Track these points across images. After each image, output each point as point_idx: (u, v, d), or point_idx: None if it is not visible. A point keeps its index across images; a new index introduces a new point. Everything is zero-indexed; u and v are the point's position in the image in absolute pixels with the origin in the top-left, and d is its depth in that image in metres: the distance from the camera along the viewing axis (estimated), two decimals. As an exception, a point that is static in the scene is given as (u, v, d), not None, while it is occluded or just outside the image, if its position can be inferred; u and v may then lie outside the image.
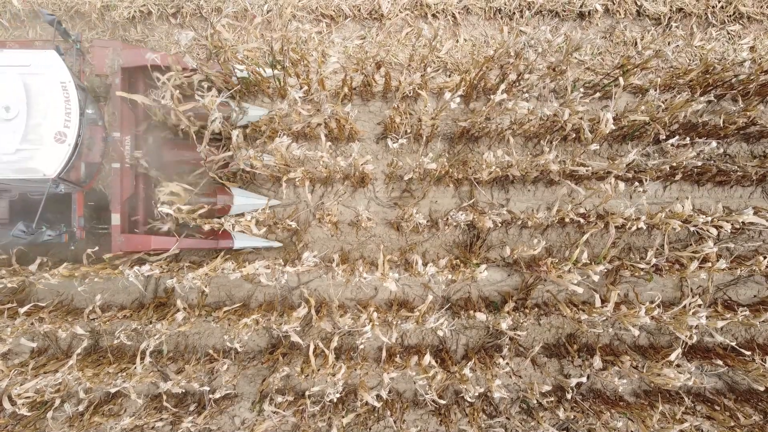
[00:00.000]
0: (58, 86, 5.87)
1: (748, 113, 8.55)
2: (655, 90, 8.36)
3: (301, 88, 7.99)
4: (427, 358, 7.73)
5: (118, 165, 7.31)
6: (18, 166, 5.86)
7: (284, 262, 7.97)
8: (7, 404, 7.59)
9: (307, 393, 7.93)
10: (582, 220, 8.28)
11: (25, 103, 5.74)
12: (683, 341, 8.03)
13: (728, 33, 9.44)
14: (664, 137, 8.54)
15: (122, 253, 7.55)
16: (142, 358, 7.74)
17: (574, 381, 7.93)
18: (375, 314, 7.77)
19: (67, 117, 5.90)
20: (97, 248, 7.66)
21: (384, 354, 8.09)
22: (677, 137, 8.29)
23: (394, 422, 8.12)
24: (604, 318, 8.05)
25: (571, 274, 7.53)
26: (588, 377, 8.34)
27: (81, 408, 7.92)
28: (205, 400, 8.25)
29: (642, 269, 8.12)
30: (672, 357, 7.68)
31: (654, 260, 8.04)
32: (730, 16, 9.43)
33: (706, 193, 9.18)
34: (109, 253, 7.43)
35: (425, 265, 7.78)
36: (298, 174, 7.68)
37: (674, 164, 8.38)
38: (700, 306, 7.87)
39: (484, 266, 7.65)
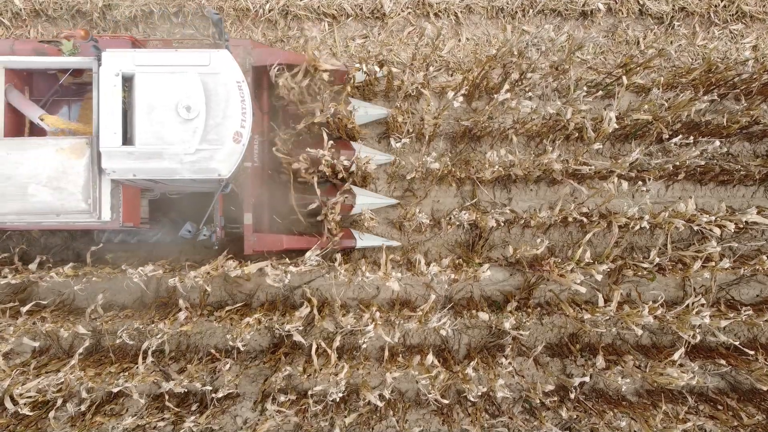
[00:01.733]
0: (235, 86, 5.78)
1: (750, 112, 8.53)
2: (658, 89, 8.34)
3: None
4: (430, 358, 7.72)
5: (249, 164, 7.24)
6: (197, 167, 5.79)
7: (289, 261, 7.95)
8: (9, 404, 7.58)
9: (309, 392, 7.92)
10: (585, 220, 8.26)
11: (204, 103, 5.65)
12: (686, 341, 8.01)
13: (731, 32, 9.43)
14: (667, 136, 8.53)
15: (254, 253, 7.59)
16: (144, 358, 7.73)
17: (577, 380, 7.92)
18: (377, 314, 7.75)
19: (243, 117, 5.81)
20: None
21: (386, 353, 8.08)
22: (680, 136, 8.27)
23: (397, 422, 8.11)
24: (607, 317, 8.03)
25: (574, 274, 7.52)
26: (591, 377, 8.32)
27: (83, 408, 7.91)
28: (207, 400, 8.24)
29: (645, 269, 8.10)
30: (675, 356, 7.67)
31: (657, 260, 8.02)
32: (733, 15, 9.42)
33: (708, 192, 9.16)
34: (240, 252, 7.40)
35: (428, 264, 7.77)
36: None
37: (677, 163, 8.36)
38: (703, 305, 7.85)
39: (486, 266, 7.64)
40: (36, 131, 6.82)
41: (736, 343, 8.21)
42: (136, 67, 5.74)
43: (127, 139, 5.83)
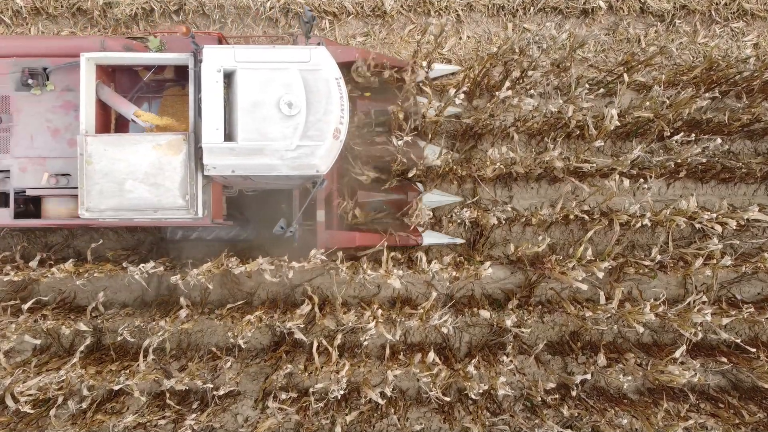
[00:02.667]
0: (334, 82, 5.75)
1: (752, 110, 8.53)
2: (659, 87, 8.34)
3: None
4: (431, 356, 7.71)
5: None
6: (297, 163, 5.74)
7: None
8: (10, 402, 7.57)
9: (310, 390, 7.91)
10: (586, 218, 8.26)
11: (305, 100, 5.62)
12: (687, 339, 8.00)
13: (732, 30, 9.42)
14: (668, 134, 8.52)
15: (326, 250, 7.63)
16: (145, 356, 7.72)
17: (578, 378, 7.91)
18: (379, 311, 7.75)
19: (341, 113, 5.79)
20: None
21: (387, 351, 8.07)
22: (681, 134, 8.27)
23: (398, 420, 8.11)
24: (608, 315, 8.03)
25: (575, 272, 7.51)
26: (592, 375, 8.32)
27: (84, 405, 7.91)
28: (208, 398, 8.23)
29: (646, 266, 8.09)
30: (676, 354, 7.66)
31: (658, 257, 8.01)
32: (734, 13, 9.41)
33: (710, 190, 9.16)
34: (313, 249, 7.44)
35: (429, 262, 7.76)
36: None
37: (678, 161, 8.36)
38: (704, 303, 7.84)
39: (488, 263, 7.63)
40: (119, 127, 6.83)
41: (738, 341, 8.20)
42: (237, 63, 5.71)
43: (226, 135, 5.81)
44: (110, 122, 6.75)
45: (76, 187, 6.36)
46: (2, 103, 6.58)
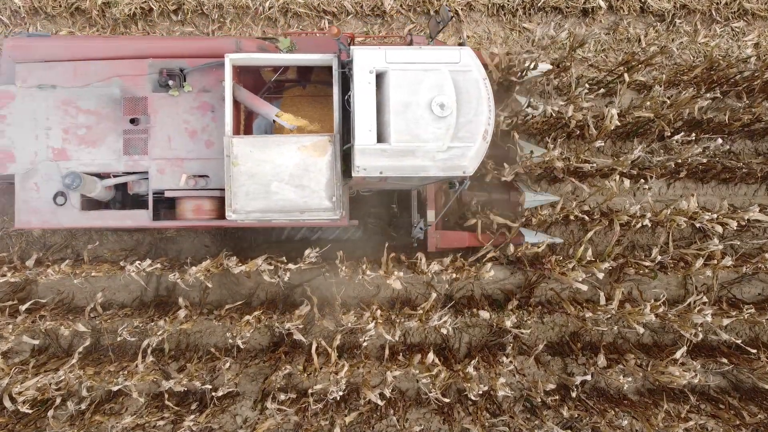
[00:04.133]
0: (482, 83, 5.72)
1: (752, 110, 8.50)
2: (660, 86, 8.31)
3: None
4: (431, 357, 7.69)
5: None
6: (448, 164, 5.70)
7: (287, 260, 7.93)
8: (8, 403, 7.55)
9: (309, 391, 7.89)
10: (586, 218, 8.23)
11: (456, 101, 5.59)
12: (688, 339, 7.98)
13: (732, 30, 9.40)
14: (669, 134, 8.49)
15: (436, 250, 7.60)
16: (144, 357, 7.70)
17: (578, 379, 7.89)
18: (378, 312, 7.73)
19: (489, 114, 5.76)
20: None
21: (387, 352, 8.05)
22: (682, 134, 8.24)
23: (397, 421, 8.08)
24: (609, 316, 8.00)
25: (576, 272, 7.49)
26: (592, 375, 8.29)
27: (82, 406, 7.88)
28: (206, 399, 8.21)
29: (647, 267, 8.07)
30: (677, 355, 7.64)
31: (659, 258, 7.99)
32: (735, 12, 9.39)
33: (710, 190, 9.13)
34: (418, 249, 7.45)
35: (429, 262, 7.73)
36: None
37: (679, 161, 8.33)
38: (705, 304, 7.82)
39: (489, 264, 7.60)
40: (245, 129, 6.84)
41: (738, 342, 8.18)
42: (388, 64, 5.67)
43: (378, 136, 5.76)
44: (240, 123, 6.74)
45: (214, 189, 6.45)
46: (140, 104, 6.55)
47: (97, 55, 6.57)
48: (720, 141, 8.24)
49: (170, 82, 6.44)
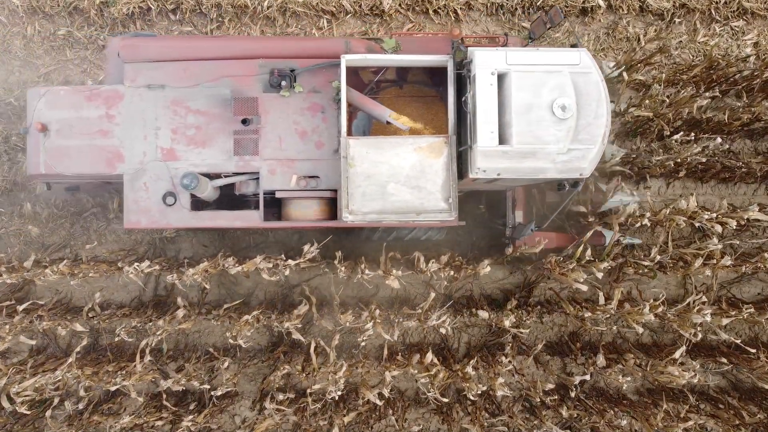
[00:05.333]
0: (601, 85, 5.73)
1: (752, 109, 8.48)
2: (659, 86, 8.29)
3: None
4: (429, 357, 7.67)
5: None
6: (567, 166, 5.73)
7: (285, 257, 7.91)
8: (5, 403, 7.53)
9: (308, 391, 7.88)
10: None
11: (576, 103, 5.61)
12: (687, 339, 7.96)
13: (732, 29, 9.38)
14: (668, 133, 8.48)
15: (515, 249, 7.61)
16: (142, 357, 7.68)
17: (577, 379, 7.88)
18: (377, 311, 7.71)
19: (608, 117, 5.77)
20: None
21: (385, 352, 8.03)
22: (681, 133, 8.22)
23: (396, 421, 8.06)
24: (608, 316, 7.99)
25: (575, 272, 7.47)
26: (591, 375, 8.28)
27: (81, 406, 7.87)
28: (205, 399, 8.19)
29: (646, 267, 8.05)
30: (676, 355, 7.62)
31: (658, 257, 7.97)
32: (734, 11, 9.37)
33: (709, 190, 9.11)
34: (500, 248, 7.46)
35: (427, 262, 7.72)
36: None
37: (678, 160, 8.31)
38: (704, 303, 7.81)
39: (486, 261, 7.59)
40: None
41: (738, 342, 8.16)
42: (509, 66, 5.68)
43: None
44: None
45: (325, 190, 6.44)
46: (251, 104, 6.54)
47: (207, 55, 6.57)
48: (719, 140, 8.22)
49: (283, 83, 6.43)
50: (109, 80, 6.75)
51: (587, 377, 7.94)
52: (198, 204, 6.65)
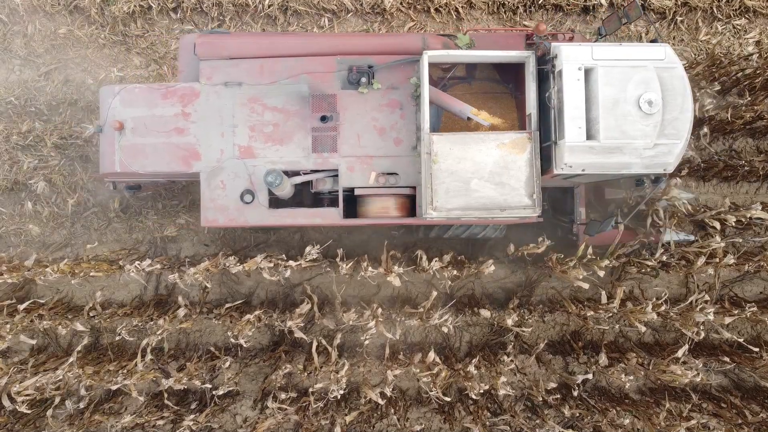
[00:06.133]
0: (686, 80, 5.76)
1: (754, 108, 8.46)
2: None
3: None
4: (431, 356, 7.65)
5: None
6: (653, 161, 5.75)
7: (286, 257, 7.89)
8: (6, 402, 7.51)
9: (310, 390, 7.86)
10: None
11: (662, 98, 5.63)
12: (690, 338, 7.94)
13: (734, 27, 9.35)
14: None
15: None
16: (143, 356, 7.66)
17: (579, 378, 7.85)
18: (379, 311, 7.69)
19: (692, 111, 5.80)
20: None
21: (387, 351, 8.01)
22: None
23: (398, 420, 8.04)
24: (610, 315, 7.96)
25: (577, 270, 7.45)
26: (593, 374, 8.25)
27: (81, 406, 7.85)
28: (206, 398, 8.18)
29: (648, 266, 8.03)
30: (679, 354, 7.60)
31: (663, 257, 7.95)
32: (736, 10, 9.34)
33: (711, 188, 9.09)
34: (576, 247, 7.50)
35: (429, 260, 7.70)
36: None
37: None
38: (707, 302, 7.79)
39: (490, 261, 7.57)
40: None
41: (740, 340, 8.14)
42: (595, 61, 5.71)
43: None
44: None
45: (404, 186, 6.46)
46: (330, 101, 6.55)
47: (285, 53, 6.59)
48: (721, 139, 8.17)
49: (363, 80, 6.45)
50: (182, 78, 6.77)
51: (589, 376, 7.92)
52: (278, 202, 6.68)
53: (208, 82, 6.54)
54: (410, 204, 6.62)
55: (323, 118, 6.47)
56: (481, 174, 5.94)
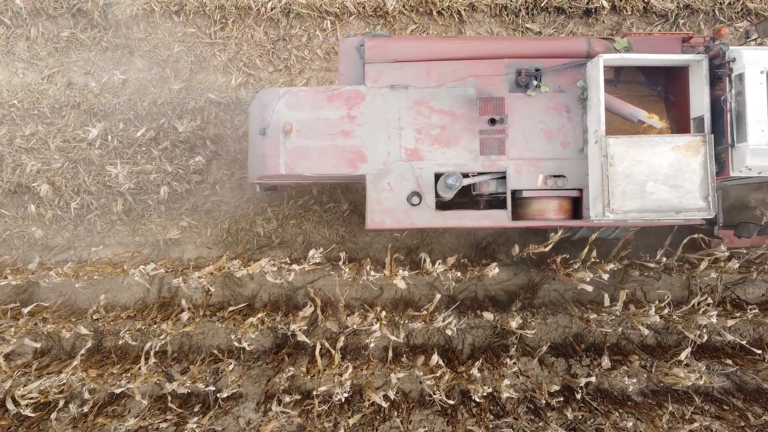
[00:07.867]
0: None
1: (757, 110, 8.46)
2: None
3: None
4: (435, 358, 7.66)
5: None
6: None
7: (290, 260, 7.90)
8: (10, 405, 7.52)
9: (314, 393, 7.87)
10: None
11: None
12: (692, 340, 7.95)
13: (736, 29, 9.36)
14: (673, 134, 8.46)
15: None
16: (147, 359, 7.67)
17: (582, 380, 7.86)
18: (383, 313, 7.70)
19: None
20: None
21: (390, 354, 8.02)
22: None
23: (401, 423, 8.05)
24: (613, 317, 7.97)
25: (580, 273, 7.46)
26: (596, 377, 8.27)
27: (85, 409, 7.85)
28: (209, 401, 8.18)
29: (652, 269, 8.04)
30: (681, 356, 7.61)
31: (664, 260, 7.95)
32: (738, 12, 9.35)
33: (714, 191, 9.09)
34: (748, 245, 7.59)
35: (433, 263, 7.71)
36: None
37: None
38: (709, 305, 7.80)
39: (494, 264, 7.58)
40: None
41: (743, 343, 8.15)
42: None
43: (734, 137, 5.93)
44: None
45: (571, 189, 6.54)
46: (498, 104, 6.60)
47: (451, 56, 6.65)
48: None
49: (533, 82, 6.50)
50: (343, 80, 6.82)
51: (592, 379, 7.93)
52: (443, 204, 6.75)
53: (374, 85, 6.60)
54: (573, 206, 6.71)
55: (492, 121, 6.55)
56: (656, 177, 6.04)
